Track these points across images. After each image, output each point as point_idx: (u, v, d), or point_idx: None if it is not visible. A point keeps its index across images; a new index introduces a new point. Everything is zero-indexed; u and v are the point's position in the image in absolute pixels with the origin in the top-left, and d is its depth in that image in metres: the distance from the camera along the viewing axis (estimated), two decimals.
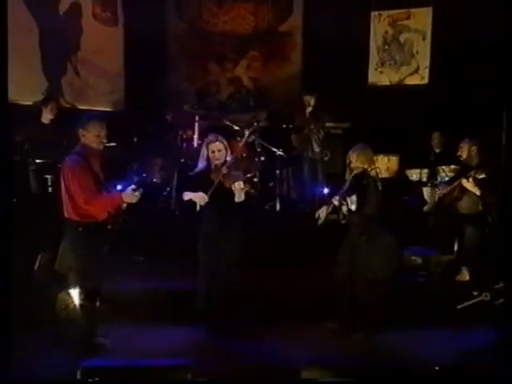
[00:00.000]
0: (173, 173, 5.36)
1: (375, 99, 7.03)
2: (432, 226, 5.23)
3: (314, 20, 7.25)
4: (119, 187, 3.41)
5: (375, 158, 6.46)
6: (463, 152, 5.02)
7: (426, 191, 5.85)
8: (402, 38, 7.01)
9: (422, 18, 6.87)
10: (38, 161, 4.97)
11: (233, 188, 3.64)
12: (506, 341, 2.83)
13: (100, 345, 3.47)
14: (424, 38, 6.88)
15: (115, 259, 3.79)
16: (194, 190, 3.70)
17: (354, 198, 3.88)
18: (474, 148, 4.98)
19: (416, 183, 6.01)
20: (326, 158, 6.62)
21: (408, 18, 6.94)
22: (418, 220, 5.34)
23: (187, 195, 3.76)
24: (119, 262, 4.15)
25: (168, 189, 5.49)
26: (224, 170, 3.71)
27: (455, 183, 5.14)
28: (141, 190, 3.30)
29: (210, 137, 3.90)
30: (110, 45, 6.72)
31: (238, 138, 6.09)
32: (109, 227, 3.43)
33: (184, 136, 5.58)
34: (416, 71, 6.99)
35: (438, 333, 3.83)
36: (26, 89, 5.67)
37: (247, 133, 6.04)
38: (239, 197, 3.68)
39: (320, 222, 4.00)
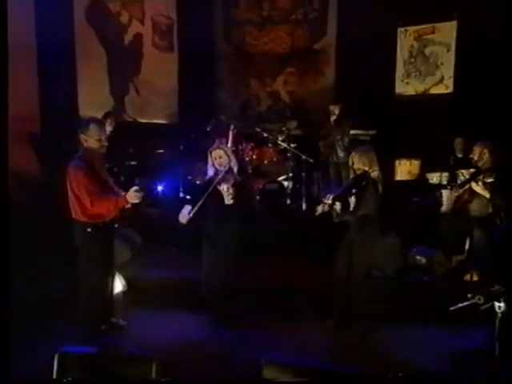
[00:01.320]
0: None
1: (402, 108, 6.93)
2: (444, 227, 5.09)
3: (346, 38, 7.28)
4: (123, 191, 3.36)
5: (398, 162, 6.54)
6: (475, 155, 4.78)
7: (445, 193, 5.70)
8: (427, 50, 6.84)
9: (447, 32, 6.67)
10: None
11: (221, 191, 3.67)
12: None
13: (119, 325, 3.56)
14: (448, 50, 6.69)
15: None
16: (201, 194, 3.69)
17: (353, 198, 3.67)
18: (485, 151, 4.76)
19: (432, 186, 5.84)
20: None
21: (433, 32, 6.77)
22: (429, 221, 5.21)
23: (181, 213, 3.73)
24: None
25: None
26: (220, 175, 3.68)
27: (466, 186, 4.98)
28: (142, 191, 3.27)
29: (214, 145, 3.98)
30: (166, 68, 7.20)
31: (270, 145, 6.33)
32: (116, 225, 3.45)
33: (217, 142, 5.81)
34: (441, 81, 6.80)
35: (432, 333, 3.66)
36: (95, 106, 6.24)
37: (278, 140, 6.32)
38: (228, 199, 3.68)
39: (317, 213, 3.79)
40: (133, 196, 3.24)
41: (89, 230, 3.31)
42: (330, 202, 3.67)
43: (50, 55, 5.98)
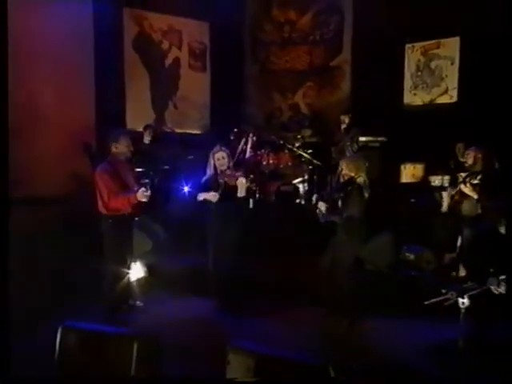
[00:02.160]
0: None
1: (410, 117, 7.13)
2: (436, 226, 5.19)
3: (360, 55, 7.61)
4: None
5: (403, 165, 6.73)
6: (469, 159, 4.91)
7: (444, 195, 5.85)
8: (432, 64, 7.03)
9: (451, 46, 6.84)
10: (138, 169, 5.96)
11: (237, 184, 3.86)
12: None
13: (136, 306, 3.88)
14: (452, 63, 6.84)
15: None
16: (207, 192, 3.93)
17: (339, 201, 3.73)
18: (479, 155, 4.89)
19: (432, 188, 5.99)
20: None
21: (438, 47, 6.96)
22: (423, 220, 5.28)
23: (201, 196, 3.97)
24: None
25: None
26: (228, 172, 3.95)
27: (457, 188, 5.12)
28: (149, 192, 3.53)
29: (216, 148, 4.12)
30: (200, 85, 7.87)
31: (286, 151, 6.75)
32: (136, 219, 3.77)
33: (240, 149, 6.28)
34: (446, 92, 6.95)
35: (415, 325, 3.65)
36: (139, 120, 6.95)
37: (294, 146, 6.72)
38: (241, 192, 3.88)
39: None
40: (141, 195, 3.58)
41: (110, 221, 3.66)
42: (314, 202, 3.85)
43: (104, 78, 6.79)
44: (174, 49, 7.57)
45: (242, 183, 3.90)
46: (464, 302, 2.76)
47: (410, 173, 6.43)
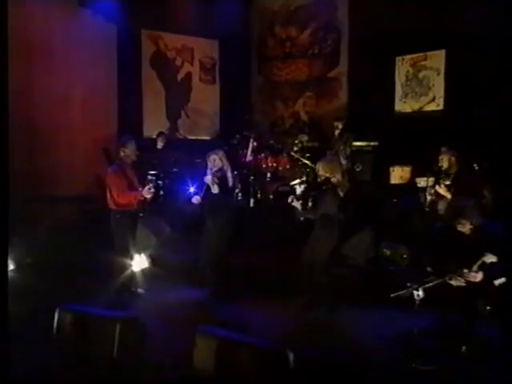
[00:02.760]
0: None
1: (400, 123, 7.42)
2: (414, 224, 5.36)
3: (355, 67, 7.94)
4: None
5: (392, 168, 7.00)
6: (444, 162, 5.14)
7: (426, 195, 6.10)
8: (420, 75, 7.31)
9: (437, 58, 7.12)
10: (152, 172, 6.40)
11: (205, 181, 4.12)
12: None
13: (138, 293, 4.13)
14: (438, 74, 7.11)
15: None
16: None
17: (314, 200, 3.90)
18: (453, 159, 5.14)
19: (412, 189, 6.21)
20: (358, 169, 7.24)
21: (425, 59, 7.24)
22: (403, 219, 5.49)
23: (194, 199, 4.26)
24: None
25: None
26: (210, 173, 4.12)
27: (433, 189, 5.35)
28: (153, 189, 3.89)
29: (211, 151, 4.35)
30: (210, 96, 8.40)
31: (284, 155, 7.14)
32: (141, 215, 4.11)
33: (241, 152, 6.72)
34: (433, 100, 7.19)
35: (381, 316, 3.69)
36: (155, 128, 7.49)
37: (292, 151, 7.08)
38: (214, 189, 4.11)
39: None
40: (146, 192, 3.95)
41: (118, 216, 4.00)
42: (289, 200, 3.96)
43: (125, 92, 7.39)
44: (186, 64, 8.13)
45: (208, 181, 4.10)
46: (419, 294, 2.86)
47: (398, 175, 6.71)
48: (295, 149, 7.12)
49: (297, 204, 4.00)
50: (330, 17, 8.08)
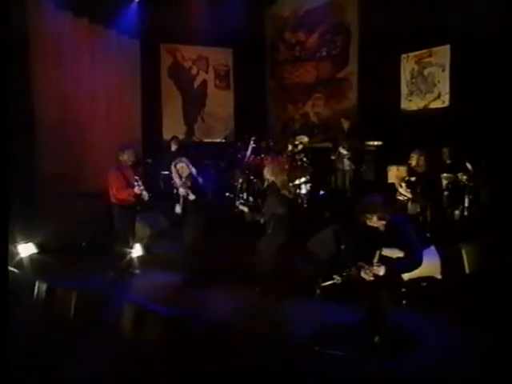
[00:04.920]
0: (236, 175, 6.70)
1: (406, 122, 7.09)
2: None
3: (366, 66, 7.73)
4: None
5: (389, 168, 6.72)
6: (413, 161, 4.96)
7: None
8: (425, 71, 6.94)
9: (442, 54, 6.71)
10: (165, 172, 6.52)
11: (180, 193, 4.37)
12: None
13: (134, 274, 4.57)
14: (443, 70, 6.68)
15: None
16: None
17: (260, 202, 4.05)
18: (422, 158, 4.91)
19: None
20: (362, 170, 7.07)
21: (430, 55, 6.86)
22: None
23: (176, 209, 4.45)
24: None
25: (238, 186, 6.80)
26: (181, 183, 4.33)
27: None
28: (142, 187, 4.33)
29: (177, 160, 4.53)
30: (224, 101, 8.70)
31: (284, 155, 7.15)
32: (138, 208, 4.61)
33: (242, 155, 6.87)
34: (438, 97, 6.77)
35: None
36: (173, 132, 7.88)
37: (291, 152, 7.09)
38: (190, 196, 4.26)
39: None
40: (137, 189, 4.44)
41: (117, 208, 4.51)
42: (237, 204, 4.12)
43: (147, 101, 7.99)
44: (201, 73, 8.51)
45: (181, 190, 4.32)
46: (338, 279, 3.04)
47: (393, 174, 6.45)
48: (296, 150, 7.14)
49: (244, 208, 4.15)
50: (338, 18, 7.94)
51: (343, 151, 6.76)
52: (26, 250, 4.94)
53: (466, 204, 5.27)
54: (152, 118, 8.08)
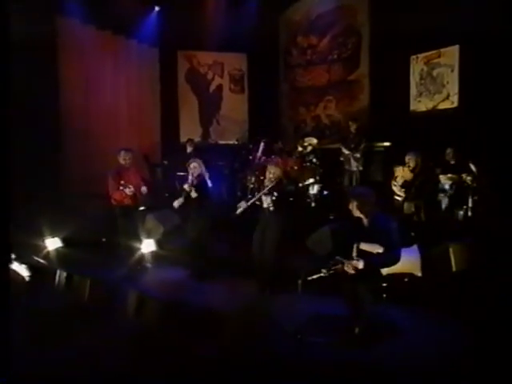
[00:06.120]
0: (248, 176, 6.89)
1: (415, 123, 7.10)
2: None
3: (376, 69, 7.79)
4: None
5: (395, 169, 6.75)
6: (411, 162, 5.03)
7: None
8: (434, 72, 6.91)
9: (451, 55, 6.66)
10: (181, 173, 6.54)
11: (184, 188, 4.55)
12: None
13: (146, 267, 4.86)
14: (452, 70, 6.65)
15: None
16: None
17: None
18: (418, 159, 4.99)
19: None
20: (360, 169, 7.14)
21: (439, 56, 6.82)
22: None
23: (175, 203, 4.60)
24: None
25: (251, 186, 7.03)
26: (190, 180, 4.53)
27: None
28: (132, 189, 4.46)
29: (191, 160, 4.77)
30: (239, 105, 8.94)
31: (293, 156, 7.30)
32: (142, 208, 4.82)
33: (254, 155, 7.06)
34: (447, 98, 6.75)
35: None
36: (190, 135, 8.16)
37: (300, 153, 7.24)
38: (192, 194, 4.50)
39: (238, 211, 4.22)
40: (127, 191, 4.57)
41: (118, 209, 4.66)
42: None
43: (165, 107, 8.37)
44: (217, 77, 8.81)
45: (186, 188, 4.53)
46: (324, 272, 3.11)
47: (399, 174, 6.47)
48: (306, 151, 7.27)
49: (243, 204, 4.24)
50: (349, 21, 8.00)
51: (345, 151, 6.89)
52: (52, 244, 5.40)
53: (470, 204, 5.29)
54: (170, 122, 8.45)
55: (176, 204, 4.65)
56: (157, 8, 7.91)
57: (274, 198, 4.08)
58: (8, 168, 2.22)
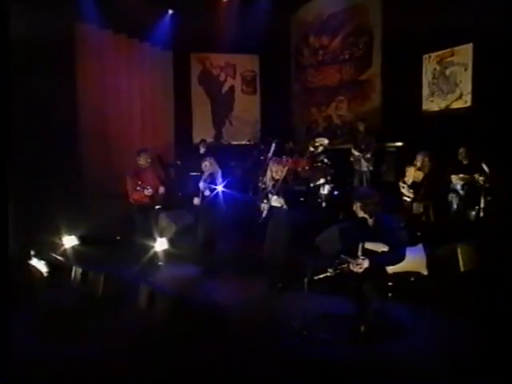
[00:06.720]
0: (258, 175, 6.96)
1: (427, 122, 7.03)
2: None
3: (388, 68, 7.73)
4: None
5: (406, 169, 6.70)
6: (418, 162, 5.00)
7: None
8: (447, 71, 6.82)
9: (464, 53, 6.56)
10: (193, 173, 6.57)
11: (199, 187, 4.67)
12: None
13: (159, 265, 4.89)
14: (466, 69, 6.55)
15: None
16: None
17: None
18: (426, 159, 4.95)
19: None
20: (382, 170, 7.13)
21: (452, 55, 6.72)
22: None
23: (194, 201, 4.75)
24: None
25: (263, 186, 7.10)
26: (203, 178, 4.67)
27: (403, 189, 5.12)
28: (150, 190, 4.63)
29: (205, 159, 4.85)
30: (251, 106, 9.01)
31: (305, 157, 7.32)
32: (157, 207, 4.88)
33: (265, 156, 7.12)
34: (460, 97, 6.66)
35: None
36: (202, 135, 8.25)
37: (311, 153, 7.26)
38: (206, 192, 4.62)
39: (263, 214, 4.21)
40: (146, 192, 4.74)
41: (135, 208, 4.83)
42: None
43: (179, 108, 8.49)
44: (229, 79, 8.89)
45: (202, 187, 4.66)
46: (331, 271, 3.18)
47: (410, 175, 6.43)
48: (316, 151, 7.28)
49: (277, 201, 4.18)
50: (361, 20, 7.97)
51: (355, 152, 6.88)
52: (69, 241, 5.57)
53: (482, 205, 5.23)
54: (183, 123, 8.58)
55: (196, 201, 4.76)
56: (170, 11, 8.05)
57: (280, 197, 4.08)
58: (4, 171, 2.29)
